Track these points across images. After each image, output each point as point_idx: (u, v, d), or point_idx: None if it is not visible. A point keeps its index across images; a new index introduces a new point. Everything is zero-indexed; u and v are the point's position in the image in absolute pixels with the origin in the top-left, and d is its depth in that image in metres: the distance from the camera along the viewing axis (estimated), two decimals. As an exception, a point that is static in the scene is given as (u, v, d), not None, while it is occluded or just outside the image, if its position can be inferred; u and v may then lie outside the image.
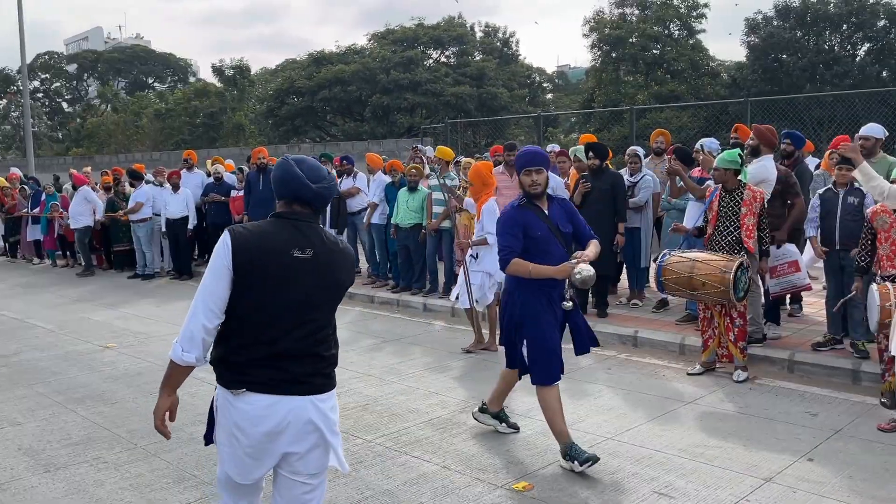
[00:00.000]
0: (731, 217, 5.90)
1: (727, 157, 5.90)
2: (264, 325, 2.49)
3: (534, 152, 4.47)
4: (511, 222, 4.40)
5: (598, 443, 4.78)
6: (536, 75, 39.64)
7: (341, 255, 2.65)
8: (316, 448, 2.61)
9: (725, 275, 5.59)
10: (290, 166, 2.56)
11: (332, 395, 2.66)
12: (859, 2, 26.53)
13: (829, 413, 5.26)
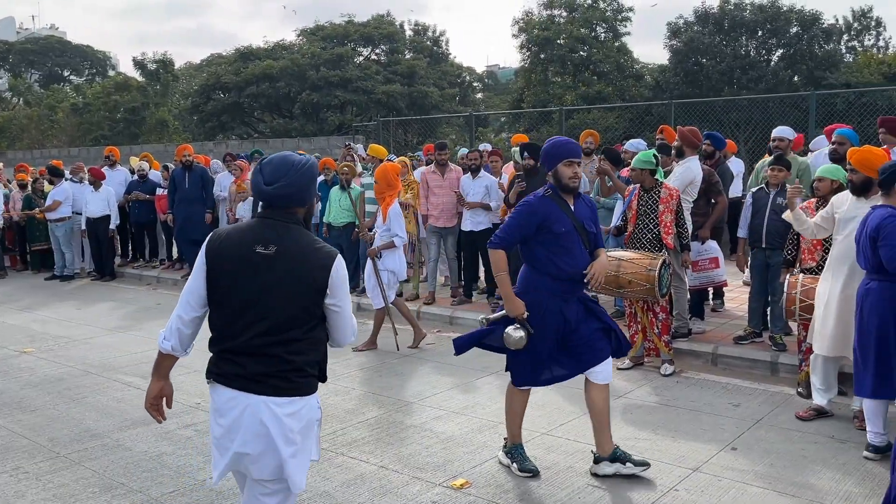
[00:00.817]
0: (650, 215, 6.09)
1: (643, 158, 6.08)
2: (227, 319, 2.58)
3: (573, 142, 4.20)
4: (528, 214, 4.10)
5: (533, 438, 4.86)
6: (467, 75, 39.88)
7: (313, 254, 2.57)
8: (268, 453, 2.56)
9: (651, 273, 5.75)
10: (256, 172, 2.64)
11: (295, 402, 2.58)
12: (773, 9, 27.74)
13: (751, 403, 5.50)
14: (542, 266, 4.13)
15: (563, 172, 4.09)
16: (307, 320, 2.57)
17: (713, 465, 4.39)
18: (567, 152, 4.12)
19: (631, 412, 5.35)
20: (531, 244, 4.15)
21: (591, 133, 9.15)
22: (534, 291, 4.14)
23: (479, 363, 6.65)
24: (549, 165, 4.16)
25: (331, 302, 2.60)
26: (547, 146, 4.22)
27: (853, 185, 4.81)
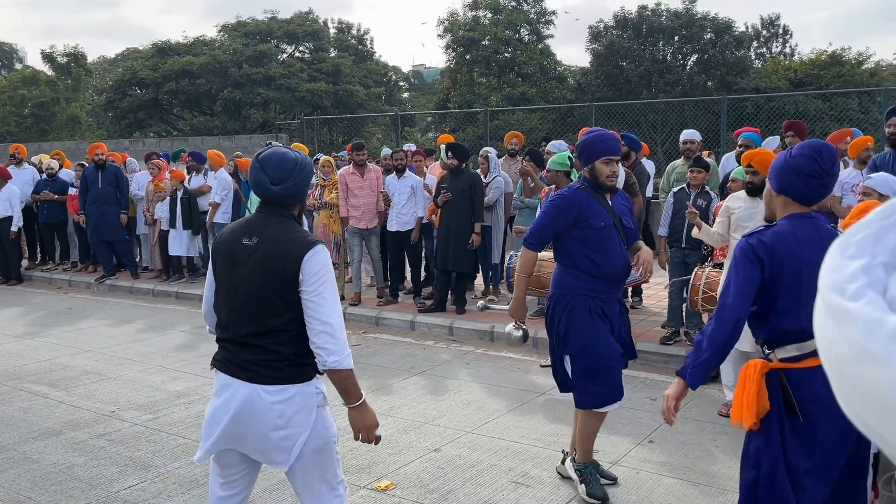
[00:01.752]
0: None
1: (558, 160, 6.14)
2: (222, 309, 2.70)
3: (613, 137, 3.91)
4: (564, 207, 3.82)
5: (458, 437, 4.89)
6: (393, 74, 39.80)
7: (286, 245, 2.58)
8: (253, 436, 2.63)
9: None
10: (258, 171, 2.66)
11: (287, 389, 2.60)
12: (688, 16, 28.81)
13: (667, 397, 5.69)
14: (578, 265, 3.83)
15: (601, 170, 3.82)
16: (285, 309, 2.57)
17: (631, 458, 4.52)
18: (607, 149, 3.84)
19: (555, 408, 5.46)
20: (565, 241, 3.86)
21: (516, 135, 9.28)
22: (575, 295, 3.82)
23: (404, 364, 6.66)
24: (586, 161, 3.87)
25: (303, 289, 2.56)
26: (586, 140, 3.89)
27: (753, 186, 4.99)
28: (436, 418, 5.27)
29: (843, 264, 0.65)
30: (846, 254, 0.66)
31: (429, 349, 7.20)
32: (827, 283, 0.65)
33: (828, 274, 0.66)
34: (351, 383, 2.59)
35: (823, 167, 2.61)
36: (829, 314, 0.63)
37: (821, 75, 25.43)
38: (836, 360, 0.62)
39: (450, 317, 7.95)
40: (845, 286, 0.63)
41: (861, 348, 0.60)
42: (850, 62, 26.58)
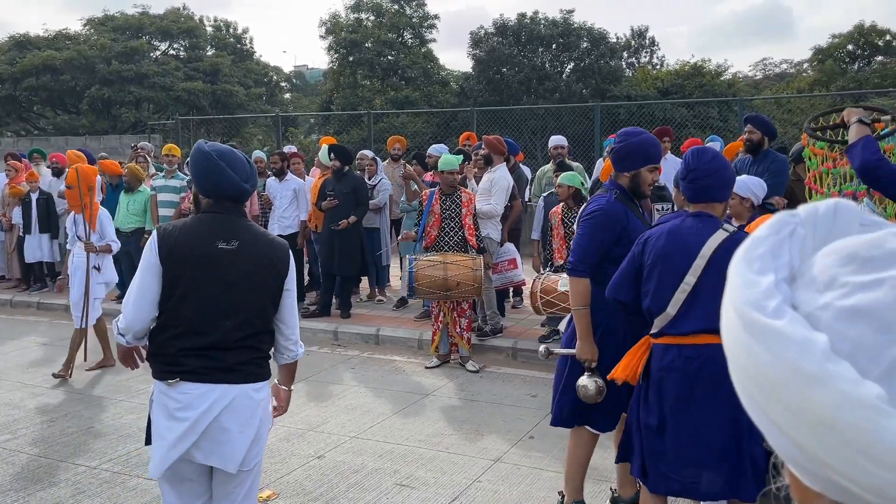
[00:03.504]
0: (455, 218, 6.31)
1: (448, 161, 6.29)
2: (195, 316, 2.58)
3: (658, 143, 3.65)
4: (609, 225, 3.43)
5: (342, 442, 4.85)
6: (274, 74, 38.91)
7: (269, 245, 2.69)
8: (239, 439, 2.61)
9: (477, 273, 6.00)
10: (224, 170, 2.57)
11: (265, 386, 2.72)
12: (566, 25, 29.89)
13: (547, 393, 5.85)
14: None
15: (646, 178, 3.52)
16: (272, 308, 2.70)
17: (513, 455, 4.64)
18: (655, 155, 3.56)
19: (438, 409, 5.51)
20: (601, 261, 3.47)
21: (399, 139, 9.30)
22: (611, 311, 3.43)
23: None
24: (630, 166, 3.50)
25: (286, 287, 2.72)
26: (634, 143, 3.49)
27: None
28: (319, 425, 5.20)
29: (754, 279, 0.62)
30: (753, 268, 0.63)
31: (313, 355, 7.08)
32: (742, 299, 0.61)
33: (740, 289, 0.62)
34: (295, 370, 2.94)
35: (688, 168, 3.01)
36: (751, 333, 0.59)
37: (685, 85, 27.04)
38: (767, 383, 0.59)
39: (334, 321, 7.86)
40: (764, 303, 0.60)
41: (797, 370, 0.56)
42: (711, 73, 28.44)
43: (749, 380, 0.61)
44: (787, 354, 0.57)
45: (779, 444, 0.61)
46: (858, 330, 0.59)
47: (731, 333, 0.63)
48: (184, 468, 2.64)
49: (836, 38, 32.52)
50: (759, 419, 0.62)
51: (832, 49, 32.47)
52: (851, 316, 0.60)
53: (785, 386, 0.57)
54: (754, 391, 0.61)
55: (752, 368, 0.60)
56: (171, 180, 8.73)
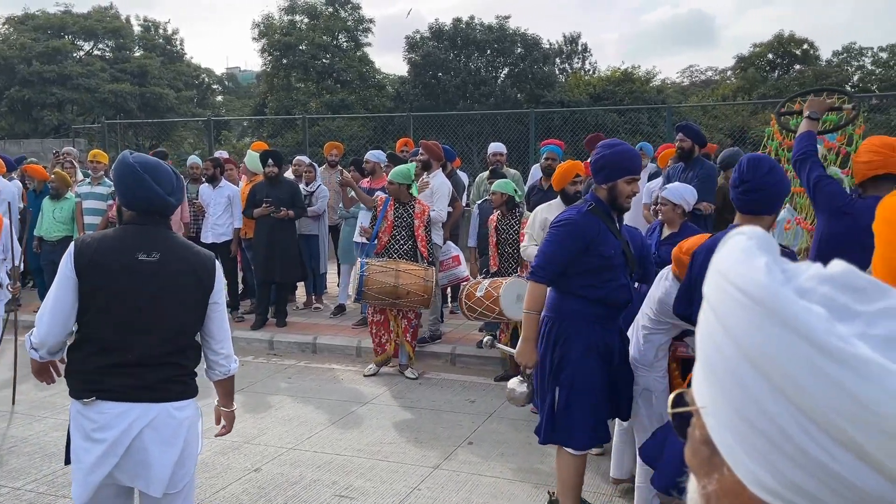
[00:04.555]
0: (407, 228, 6.28)
1: (402, 172, 6.25)
2: (115, 332, 2.48)
3: (638, 154, 3.57)
4: (575, 234, 3.39)
5: (279, 454, 4.78)
6: (205, 76, 38.07)
7: (193, 257, 2.60)
8: (164, 459, 2.51)
9: (428, 284, 5.99)
10: (147, 182, 2.49)
11: (189, 404, 2.63)
12: (501, 31, 30.23)
13: (485, 398, 5.93)
14: (575, 291, 3.45)
15: (623, 190, 3.43)
16: (196, 323, 2.62)
17: (453, 461, 4.66)
18: (634, 168, 3.46)
19: (377, 417, 5.49)
20: (567, 269, 3.46)
21: (336, 145, 9.23)
22: (574, 320, 3.44)
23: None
24: (607, 178, 3.42)
25: (213, 300, 2.63)
26: (610, 155, 3.42)
27: (577, 196, 5.26)
28: (256, 437, 5.11)
29: (816, 310, 0.64)
30: (809, 298, 0.65)
31: (248, 365, 6.96)
32: (814, 330, 0.62)
33: (806, 316, 0.63)
34: (233, 387, 2.83)
35: (742, 179, 3.01)
36: (840, 364, 0.60)
37: (616, 91, 27.71)
38: (870, 416, 0.59)
39: (270, 331, 7.74)
40: (837, 332, 0.63)
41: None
42: (640, 79, 29.25)
43: (833, 412, 0.60)
44: (889, 383, 0.59)
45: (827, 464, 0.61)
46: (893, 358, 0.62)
47: (801, 369, 0.61)
48: (108, 492, 2.55)
49: (757, 47, 33.91)
50: (827, 448, 0.61)
51: (753, 57, 33.82)
52: (889, 344, 0.63)
53: (889, 416, 0.58)
54: (842, 423, 0.60)
55: (841, 400, 0.60)
56: (98, 187, 8.44)
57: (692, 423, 0.74)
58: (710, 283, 0.69)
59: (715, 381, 0.68)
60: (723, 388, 0.66)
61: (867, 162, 3.30)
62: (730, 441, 0.66)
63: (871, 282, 0.67)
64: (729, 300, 0.66)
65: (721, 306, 0.67)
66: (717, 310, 0.67)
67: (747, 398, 0.64)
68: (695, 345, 0.72)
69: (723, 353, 0.66)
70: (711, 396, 0.68)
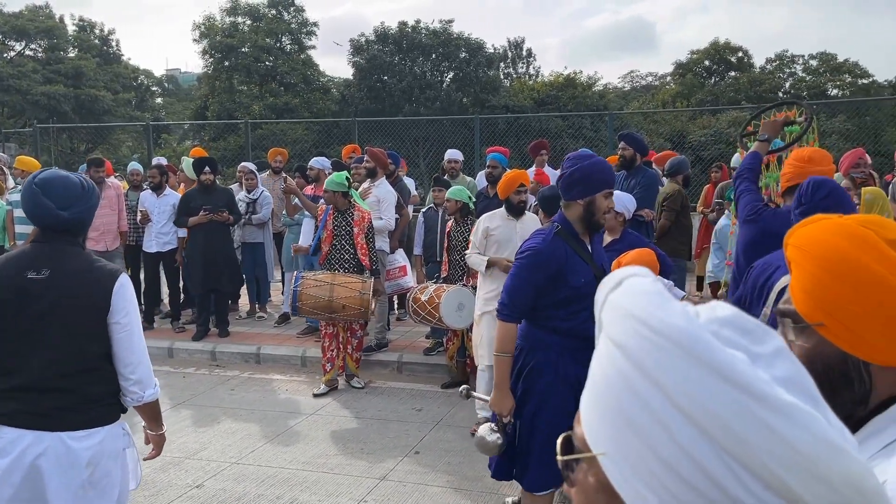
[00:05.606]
0: (346, 236, 6.17)
1: (336, 181, 6.16)
2: (7, 354, 2.38)
3: (610, 166, 3.33)
4: (539, 265, 3.12)
5: (222, 469, 4.68)
6: (144, 78, 37.12)
7: (90, 275, 2.43)
8: (59, 491, 2.34)
9: (364, 296, 5.90)
10: (38, 196, 2.38)
11: (95, 434, 2.44)
12: (445, 35, 30.33)
13: (432, 406, 5.92)
14: (546, 323, 3.21)
15: (601, 205, 3.17)
16: (94, 345, 2.43)
17: (399, 472, 4.63)
18: (610, 180, 3.22)
19: (323, 429, 5.43)
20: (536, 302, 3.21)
21: (280, 151, 9.10)
22: (543, 350, 3.21)
23: (162, 396, 6.18)
24: (582, 193, 3.15)
25: (114, 320, 2.44)
26: (583, 169, 3.15)
27: (521, 206, 5.28)
28: (197, 451, 5.00)
29: (738, 355, 0.66)
30: (725, 342, 0.67)
31: (189, 377, 6.81)
32: (743, 376, 0.64)
33: (732, 364, 0.64)
34: (158, 410, 2.66)
35: (800, 202, 2.94)
36: (769, 409, 0.62)
37: (559, 95, 28.11)
38: (798, 457, 0.62)
39: (212, 341, 7.58)
40: (763, 377, 0.65)
41: (829, 444, 0.63)
42: (583, 84, 29.72)
43: (767, 456, 0.61)
44: (813, 425, 0.62)
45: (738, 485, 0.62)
46: (796, 399, 0.64)
47: (734, 415, 0.62)
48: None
49: (695, 53, 34.86)
50: (739, 476, 0.62)
51: (691, 64, 34.76)
52: (790, 385, 0.65)
53: (818, 460, 0.61)
54: (775, 468, 0.61)
55: (775, 445, 0.61)
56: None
57: (581, 468, 0.72)
58: (623, 328, 0.68)
59: (627, 428, 0.66)
60: (639, 435, 0.65)
61: (785, 173, 3.45)
62: (641, 491, 0.65)
63: (756, 323, 0.69)
64: (650, 346, 0.65)
65: (641, 353, 0.65)
66: (636, 356, 0.65)
67: (673, 446, 0.63)
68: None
69: (643, 400, 0.65)
70: (618, 443, 0.67)
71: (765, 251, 3.09)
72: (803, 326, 1.08)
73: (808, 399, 0.65)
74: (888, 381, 1.04)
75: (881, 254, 1.02)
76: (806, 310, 1.08)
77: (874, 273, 1.01)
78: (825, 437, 0.62)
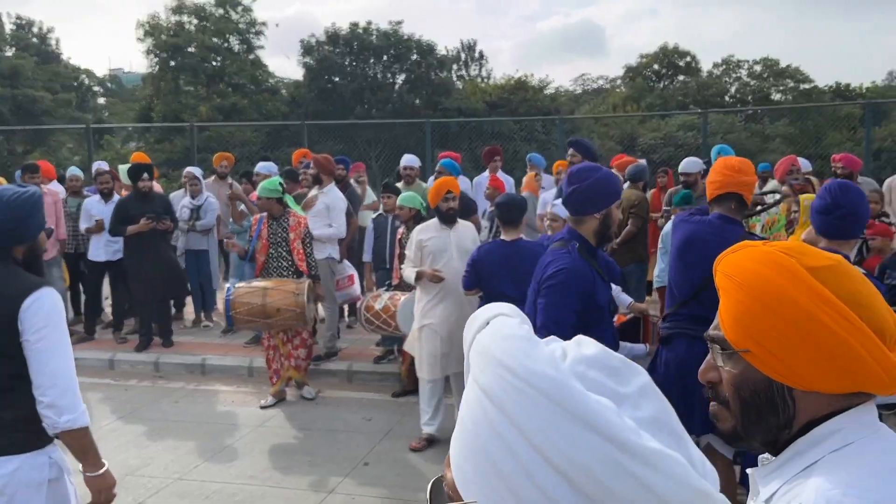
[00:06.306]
0: (283, 244, 6.01)
1: (268, 187, 5.97)
2: None
3: (617, 178, 3.20)
4: (574, 285, 2.94)
5: (165, 486, 4.54)
6: (85, 78, 36.06)
7: (5, 287, 2.29)
8: None
9: (299, 297, 5.73)
10: None
11: (7, 462, 2.26)
12: (396, 37, 30.21)
13: (382, 416, 5.84)
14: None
15: (615, 216, 3.10)
16: (9, 365, 2.27)
17: (347, 484, 4.55)
18: (620, 191, 3.17)
19: (270, 441, 5.30)
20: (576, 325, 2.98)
21: (226, 156, 8.90)
22: None
23: (103, 410, 6.01)
24: (601, 205, 3.05)
25: (24, 338, 2.26)
26: (601, 178, 3.06)
27: (451, 214, 5.19)
28: (139, 468, 4.84)
29: (604, 401, 0.69)
30: (592, 389, 0.70)
31: (131, 389, 6.60)
32: (611, 427, 0.66)
33: (599, 412, 0.67)
34: (88, 443, 2.35)
35: (837, 204, 2.98)
36: (632, 457, 0.64)
37: (511, 98, 28.28)
38: (658, 501, 0.65)
39: (155, 351, 7.36)
40: (629, 425, 0.67)
41: (694, 490, 0.65)
42: (534, 87, 29.96)
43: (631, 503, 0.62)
44: (677, 472, 0.63)
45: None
46: (661, 440, 0.65)
47: (603, 467, 0.63)
48: None
49: (644, 57, 35.46)
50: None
51: (641, 68, 35.35)
52: (655, 425, 0.66)
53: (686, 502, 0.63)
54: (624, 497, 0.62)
55: (639, 495, 0.62)
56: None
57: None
58: (490, 374, 0.67)
59: (494, 475, 0.66)
60: (505, 481, 0.65)
61: (713, 182, 3.43)
62: None
63: (622, 361, 0.71)
64: (517, 394, 0.65)
65: (508, 400, 0.65)
66: (502, 404, 0.65)
67: (537, 492, 0.64)
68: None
69: (509, 447, 0.65)
70: (484, 489, 0.67)
71: (694, 256, 3.13)
72: (731, 353, 1.12)
73: (671, 438, 0.67)
74: (810, 405, 1.09)
75: (802, 283, 1.06)
76: (734, 336, 1.11)
77: (796, 302, 1.05)
78: (689, 482, 0.63)
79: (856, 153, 8.47)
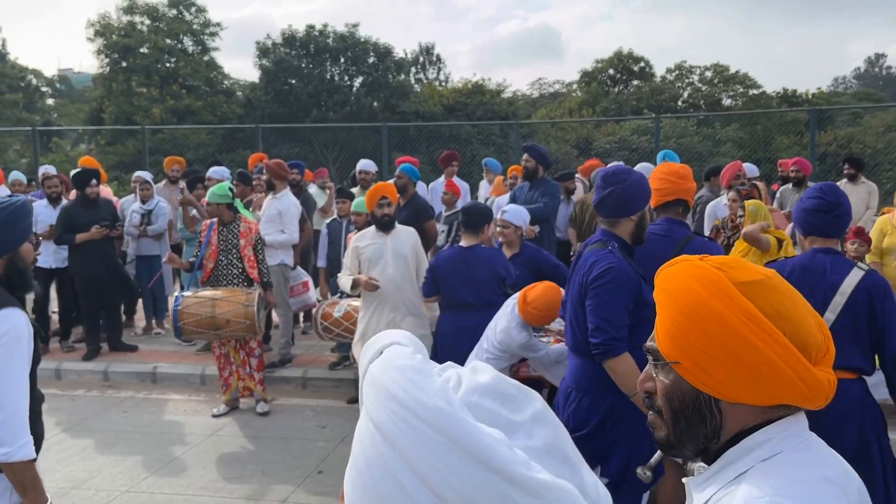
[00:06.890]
0: (233, 250, 5.88)
1: (218, 192, 5.85)
2: None
3: (646, 179, 3.11)
4: (627, 283, 2.84)
5: (112, 499, 4.43)
6: (33, 78, 35.08)
7: None
8: None
9: (249, 308, 5.60)
10: None
11: None
12: (353, 39, 30.07)
13: (337, 422, 5.80)
14: None
15: (648, 218, 3.07)
16: None
17: (300, 494, 4.50)
18: (648, 193, 3.10)
19: (222, 451, 5.22)
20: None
21: (177, 160, 8.74)
22: (611, 391, 2.85)
23: (48, 421, 5.79)
24: (636, 207, 3.00)
25: None
26: (636, 181, 3.00)
27: (386, 220, 5.13)
28: (86, 481, 4.71)
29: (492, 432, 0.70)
30: (482, 417, 0.70)
31: (78, 399, 6.43)
32: (497, 457, 0.67)
33: (489, 445, 0.67)
34: (29, 478, 2.17)
35: (839, 203, 2.99)
36: (517, 486, 0.65)
37: (468, 102, 28.39)
38: None
39: (104, 360, 7.18)
40: (517, 457, 0.68)
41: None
42: (492, 91, 30.12)
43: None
44: (566, 502, 0.63)
45: None
46: (552, 468, 0.65)
47: (484, 495, 0.62)
48: None
49: (599, 62, 35.94)
50: None
51: (596, 72, 35.82)
52: (548, 454, 0.66)
53: None
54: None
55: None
56: None
57: None
58: (381, 407, 0.67)
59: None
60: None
61: (658, 189, 3.41)
62: None
63: (517, 387, 0.71)
64: (407, 428, 0.64)
65: (398, 434, 0.65)
66: (392, 438, 0.65)
67: None
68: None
69: (397, 481, 0.64)
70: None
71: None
72: (663, 364, 1.16)
73: (564, 465, 0.67)
74: (737, 416, 1.12)
75: (729, 299, 1.09)
76: (665, 348, 1.15)
77: (721, 318, 1.08)
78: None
79: (802, 157, 8.72)
